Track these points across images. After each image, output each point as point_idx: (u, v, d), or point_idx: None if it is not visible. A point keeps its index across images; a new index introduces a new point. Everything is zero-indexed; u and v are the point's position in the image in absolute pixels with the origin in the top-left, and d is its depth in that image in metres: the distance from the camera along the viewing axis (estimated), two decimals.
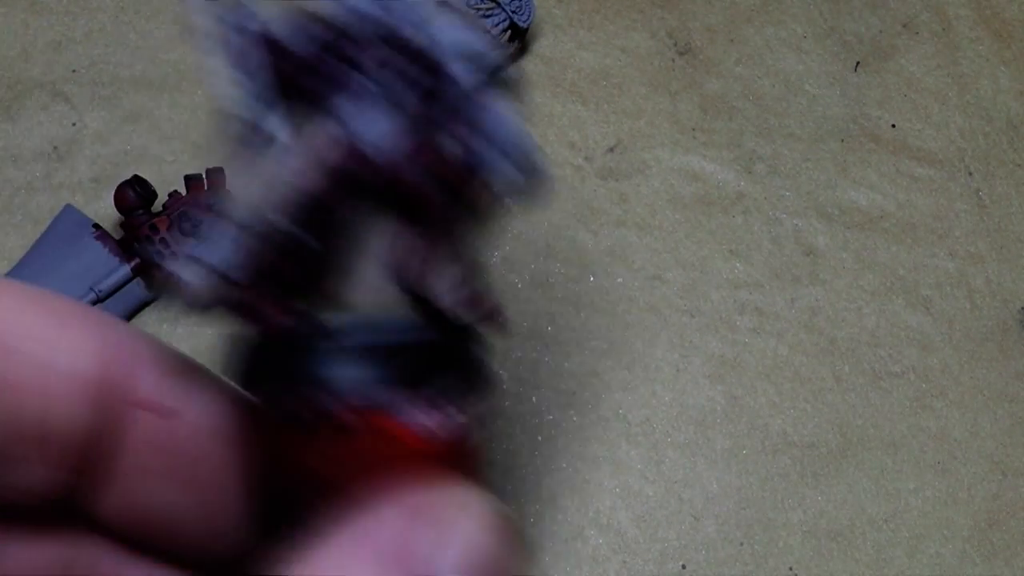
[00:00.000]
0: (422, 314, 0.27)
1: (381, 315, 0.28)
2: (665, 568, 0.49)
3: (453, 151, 0.26)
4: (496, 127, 0.26)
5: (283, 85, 0.26)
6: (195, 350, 0.52)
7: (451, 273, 0.26)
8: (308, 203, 0.25)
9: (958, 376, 0.55)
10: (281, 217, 0.25)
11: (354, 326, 0.27)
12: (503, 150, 0.26)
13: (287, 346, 0.26)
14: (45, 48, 0.57)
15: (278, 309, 0.26)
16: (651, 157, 0.58)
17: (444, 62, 0.26)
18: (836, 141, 0.60)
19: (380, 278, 0.28)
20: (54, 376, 0.24)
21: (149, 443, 0.26)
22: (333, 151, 0.25)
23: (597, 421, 0.52)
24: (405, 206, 0.26)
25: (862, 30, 0.63)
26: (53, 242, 0.51)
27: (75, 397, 0.24)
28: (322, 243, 0.26)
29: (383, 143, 0.26)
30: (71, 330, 0.25)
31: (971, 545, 0.51)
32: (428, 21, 0.26)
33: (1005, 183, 0.60)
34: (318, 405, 0.24)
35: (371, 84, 0.26)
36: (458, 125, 0.26)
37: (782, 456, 0.52)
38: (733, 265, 0.56)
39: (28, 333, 0.24)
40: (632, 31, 0.61)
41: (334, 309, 0.28)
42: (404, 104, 0.26)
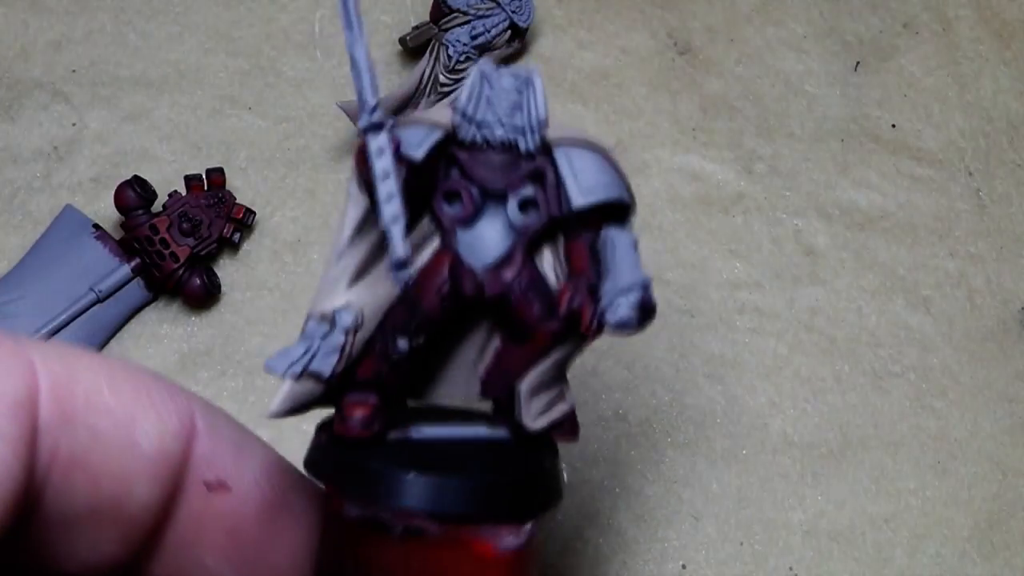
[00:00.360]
0: (503, 421, 0.28)
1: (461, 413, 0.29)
2: (665, 568, 0.49)
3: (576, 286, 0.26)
4: (620, 263, 0.26)
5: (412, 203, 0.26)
6: (194, 350, 0.52)
7: (537, 386, 0.27)
8: (417, 317, 0.26)
9: (958, 376, 0.55)
10: (390, 328, 0.26)
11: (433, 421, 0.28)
12: (624, 288, 0.26)
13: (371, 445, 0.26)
14: (45, 48, 0.57)
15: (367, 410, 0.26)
16: (651, 157, 0.58)
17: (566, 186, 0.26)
18: (836, 141, 0.60)
19: (473, 384, 0.28)
20: (136, 459, 0.24)
21: (200, 514, 0.26)
22: (443, 268, 0.26)
23: (597, 421, 0.52)
24: (509, 325, 0.27)
25: (862, 30, 0.63)
26: (53, 242, 0.51)
27: (153, 477, 0.24)
28: (424, 351, 0.27)
29: (492, 263, 0.26)
30: (153, 410, 0.25)
31: (971, 545, 0.51)
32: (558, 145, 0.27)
33: (1005, 183, 0.60)
34: (403, 512, 0.24)
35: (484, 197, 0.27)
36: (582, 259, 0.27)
37: (782, 456, 0.52)
38: (733, 265, 0.56)
39: (111, 413, 0.24)
40: (632, 31, 0.61)
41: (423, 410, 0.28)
42: (515, 222, 0.27)
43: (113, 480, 0.24)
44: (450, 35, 0.56)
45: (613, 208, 0.27)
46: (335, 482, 0.26)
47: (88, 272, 0.51)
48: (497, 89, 0.27)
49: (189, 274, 0.51)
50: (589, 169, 0.27)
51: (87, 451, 0.23)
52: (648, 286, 0.26)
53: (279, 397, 0.26)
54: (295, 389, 0.26)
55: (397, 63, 0.59)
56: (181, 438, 0.25)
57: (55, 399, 0.23)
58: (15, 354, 0.23)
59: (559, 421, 0.28)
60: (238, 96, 0.57)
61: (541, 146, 0.27)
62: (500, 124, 0.27)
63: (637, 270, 0.26)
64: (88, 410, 0.23)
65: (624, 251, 0.27)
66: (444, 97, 0.56)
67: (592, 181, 0.27)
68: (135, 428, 0.24)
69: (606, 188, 0.27)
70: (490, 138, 0.27)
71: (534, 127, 0.27)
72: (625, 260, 0.26)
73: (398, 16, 0.60)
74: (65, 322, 0.50)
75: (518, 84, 0.27)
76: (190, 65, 0.57)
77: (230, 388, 0.51)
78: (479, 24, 0.56)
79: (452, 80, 0.56)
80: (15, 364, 0.22)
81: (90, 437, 0.23)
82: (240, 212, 0.52)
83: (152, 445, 0.24)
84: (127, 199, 0.51)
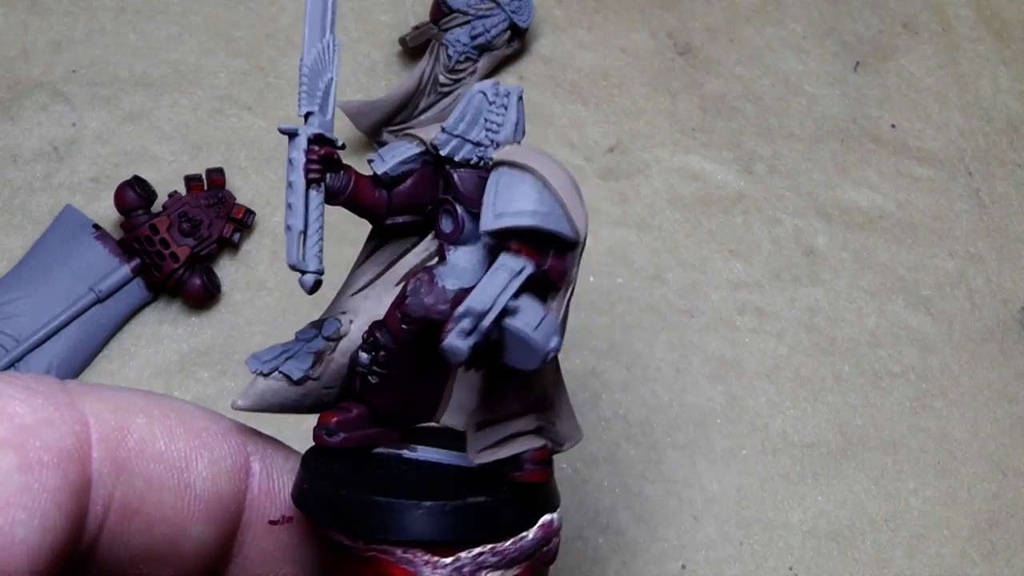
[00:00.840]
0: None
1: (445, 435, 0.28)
2: (665, 568, 0.49)
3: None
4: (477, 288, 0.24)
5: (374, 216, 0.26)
6: (195, 350, 0.52)
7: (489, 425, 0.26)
8: (383, 333, 0.26)
9: (958, 376, 0.55)
10: (362, 342, 0.26)
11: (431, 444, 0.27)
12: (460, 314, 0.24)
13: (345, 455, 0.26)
14: (45, 48, 0.57)
15: (338, 420, 0.26)
16: (651, 157, 0.58)
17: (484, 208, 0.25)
18: (836, 141, 0.60)
19: (458, 407, 0.28)
20: (190, 501, 0.24)
21: (267, 548, 0.26)
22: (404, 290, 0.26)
23: (597, 421, 0.51)
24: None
25: (862, 30, 0.63)
26: (53, 242, 0.51)
27: (208, 518, 0.25)
28: (391, 368, 0.26)
29: (462, 284, 0.26)
30: (207, 452, 0.25)
31: (971, 545, 0.51)
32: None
33: (1005, 183, 0.60)
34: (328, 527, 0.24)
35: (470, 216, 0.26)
36: None
37: (782, 456, 0.52)
38: (733, 265, 0.56)
39: (164, 459, 0.24)
40: (632, 31, 0.61)
41: (428, 431, 0.28)
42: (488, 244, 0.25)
43: (168, 524, 0.24)
44: (450, 35, 0.56)
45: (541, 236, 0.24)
46: (295, 498, 0.26)
47: (88, 272, 0.51)
48: (490, 108, 0.26)
49: (189, 274, 0.51)
50: (509, 192, 0.24)
51: (142, 498, 0.23)
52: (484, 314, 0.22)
53: (246, 391, 0.26)
54: (264, 386, 0.25)
55: (397, 63, 0.59)
56: (235, 478, 0.25)
57: (108, 450, 0.23)
58: (67, 406, 0.23)
59: (508, 459, 0.26)
60: (238, 96, 0.57)
61: (491, 163, 0.26)
62: (469, 141, 0.26)
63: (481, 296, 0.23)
64: (142, 458, 0.23)
65: (487, 276, 0.24)
66: (444, 97, 0.56)
67: (507, 206, 0.24)
68: (189, 472, 0.24)
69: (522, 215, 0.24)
70: (477, 155, 0.26)
71: (487, 144, 0.26)
72: (481, 285, 0.23)
73: (398, 16, 0.60)
74: (65, 322, 0.50)
75: (505, 100, 0.26)
76: (190, 65, 0.57)
77: (230, 388, 0.51)
78: (479, 24, 0.56)
79: (452, 80, 0.56)
80: (66, 416, 0.23)
81: (145, 484, 0.23)
82: (240, 212, 0.52)
83: (206, 487, 0.24)
84: (127, 199, 0.51)
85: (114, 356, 0.51)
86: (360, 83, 0.58)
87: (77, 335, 0.50)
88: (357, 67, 0.58)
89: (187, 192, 0.52)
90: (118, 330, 0.52)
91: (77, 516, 0.22)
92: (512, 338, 0.22)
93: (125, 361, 0.51)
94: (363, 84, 0.58)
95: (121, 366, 0.51)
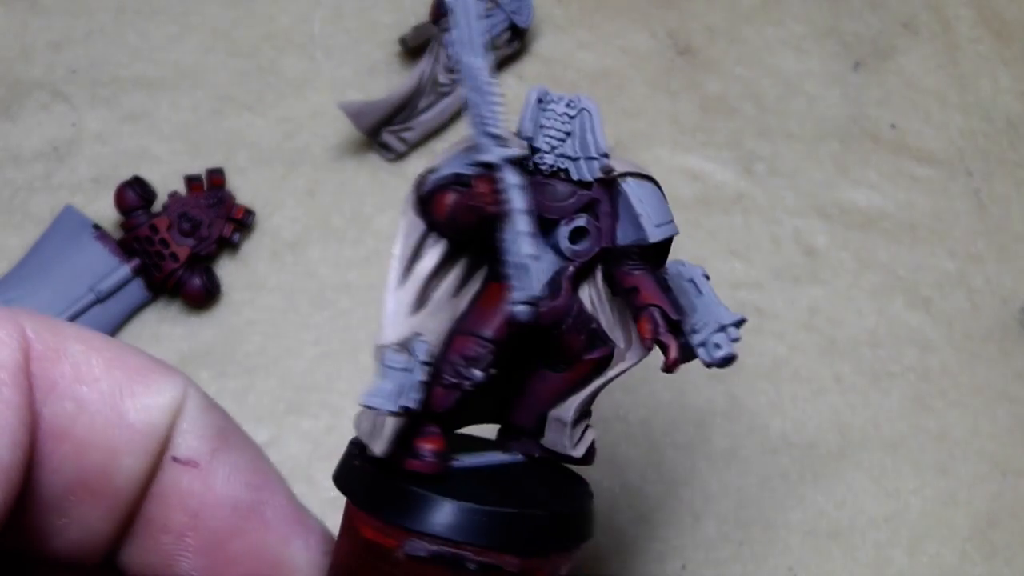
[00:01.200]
0: (529, 447, 0.28)
1: (484, 441, 0.29)
2: (665, 568, 0.49)
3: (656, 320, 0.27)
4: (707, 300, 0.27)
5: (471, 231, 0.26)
6: (195, 350, 0.52)
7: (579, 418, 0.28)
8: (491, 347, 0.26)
9: (958, 376, 0.55)
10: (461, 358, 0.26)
11: (466, 450, 0.28)
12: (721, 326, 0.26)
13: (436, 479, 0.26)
14: (45, 48, 0.57)
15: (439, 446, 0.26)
16: (651, 157, 0.58)
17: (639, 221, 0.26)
18: (836, 141, 0.60)
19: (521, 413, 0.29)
20: (123, 430, 0.24)
21: (168, 490, 0.26)
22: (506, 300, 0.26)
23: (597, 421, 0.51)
24: (549, 353, 0.27)
25: (862, 30, 0.63)
26: (53, 242, 0.51)
27: (140, 450, 0.24)
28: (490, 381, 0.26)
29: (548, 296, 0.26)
30: (142, 383, 0.25)
31: (971, 545, 0.51)
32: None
33: (1005, 183, 0.60)
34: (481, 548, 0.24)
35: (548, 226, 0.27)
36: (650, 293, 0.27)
37: (782, 456, 0.52)
38: (733, 265, 0.56)
39: (98, 384, 0.24)
40: (632, 31, 0.61)
41: (473, 441, 0.29)
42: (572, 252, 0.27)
43: (100, 451, 0.24)
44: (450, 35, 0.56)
45: (661, 244, 0.28)
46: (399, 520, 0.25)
47: (88, 272, 0.51)
48: (550, 114, 0.27)
49: (189, 274, 0.51)
50: (655, 203, 0.27)
51: (72, 421, 0.23)
52: (738, 326, 0.26)
53: (385, 437, 0.25)
54: (395, 424, 0.25)
55: (397, 63, 0.59)
56: (169, 413, 0.25)
57: (42, 368, 0.23)
58: (10, 321, 0.23)
59: (591, 448, 0.28)
60: (238, 96, 0.57)
61: (599, 176, 0.27)
62: (552, 151, 0.27)
63: (720, 309, 0.27)
64: (76, 381, 0.23)
65: (707, 288, 0.27)
66: (444, 97, 0.56)
67: (662, 216, 0.27)
68: (123, 401, 0.24)
69: (672, 224, 0.27)
70: (542, 165, 0.27)
71: (593, 156, 0.27)
72: (711, 297, 0.27)
73: (398, 16, 0.60)
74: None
75: (571, 110, 0.27)
76: (190, 65, 0.57)
77: (230, 388, 0.51)
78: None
79: (452, 80, 0.56)
80: (12, 332, 0.23)
81: (76, 407, 0.23)
82: (240, 212, 0.52)
83: (139, 417, 0.24)
84: (127, 199, 0.51)
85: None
86: (360, 83, 0.58)
87: None
88: (357, 67, 0.58)
89: (187, 192, 0.52)
90: (118, 330, 0.52)
91: (33, 432, 0.22)
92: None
93: None
94: (363, 84, 0.58)
95: None
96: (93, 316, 0.50)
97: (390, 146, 0.56)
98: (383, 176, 0.56)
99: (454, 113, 0.57)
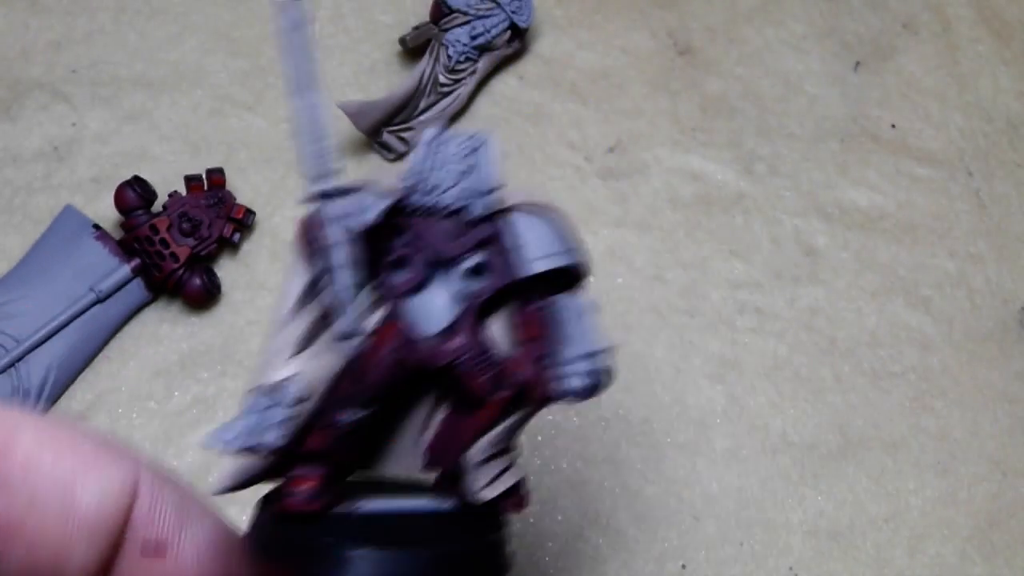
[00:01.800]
0: (448, 491, 0.27)
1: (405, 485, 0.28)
2: (665, 568, 0.49)
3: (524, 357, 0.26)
4: (570, 331, 0.26)
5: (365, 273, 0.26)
6: (194, 350, 0.52)
7: (484, 456, 0.26)
8: (366, 387, 0.25)
9: (958, 376, 0.55)
10: (338, 399, 0.25)
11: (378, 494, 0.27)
12: (574, 358, 0.26)
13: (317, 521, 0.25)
14: (45, 48, 0.57)
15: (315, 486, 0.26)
16: (651, 157, 0.58)
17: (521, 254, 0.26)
18: (836, 141, 0.60)
19: (417, 455, 0.28)
20: (75, 522, 0.23)
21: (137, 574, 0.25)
22: (392, 337, 0.26)
23: (597, 421, 0.51)
24: (456, 395, 0.27)
25: (862, 30, 0.63)
26: (53, 242, 0.51)
27: (91, 541, 0.24)
28: (371, 422, 0.26)
29: (440, 332, 0.26)
30: (95, 471, 0.24)
31: (971, 545, 0.51)
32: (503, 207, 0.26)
33: (1005, 183, 0.60)
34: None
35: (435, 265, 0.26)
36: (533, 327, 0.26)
37: (782, 456, 0.52)
38: (733, 265, 0.56)
39: (51, 476, 0.23)
40: (632, 31, 0.61)
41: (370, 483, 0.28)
42: (465, 290, 0.26)
43: (51, 546, 0.23)
44: (450, 35, 0.56)
45: (565, 274, 0.27)
46: (280, 561, 0.25)
47: (88, 272, 0.51)
48: (445, 154, 0.27)
49: (189, 274, 0.51)
50: (544, 235, 0.26)
51: (24, 516, 0.22)
52: (600, 354, 0.25)
53: (224, 473, 0.25)
54: (241, 464, 0.25)
55: (397, 63, 0.59)
56: (122, 500, 0.24)
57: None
58: None
59: (507, 492, 0.27)
60: (238, 96, 0.57)
61: (493, 211, 0.27)
62: (449, 189, 0.26)
63: (588, 338, 0.26)
64: (28, 472, 0.23)
65: (575, 318, 0.26)
66: (444, 97, 0.56)
67: (547, 247, 0.26)
68: (75, 492, 0.23)
69: (560, 255, 0.26)
70: (439, 204, 0.27)
71: (484, 191, 0.27)
72: (576, 328, 0.26)
73: (398, 16, 0.60)
74: (65, 322, 0.50)
75: (468, 147, 0.27)
76: (190, 65, 0.57)
77: (230, 388, 0.51)
78: (479, 24, 0.56)
79: (452, 80, 0.56)
80: None
81: (27, 501, 0.22)
82: (240, 212, 0.52)
83: (91, 508, 0.23)
84: (127, 199, 0.51)
85: (114, 356, 0.51)
86: (360, 83, 0.58)
87: (77, 335, 0.50)
88: (357, 67, 0.58)
89: (187, 192, 0.52)
90: (118, 330, 0.52)
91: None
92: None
93: (125, 361, 0.51)
94: (363, 84, 0.58)
95: (121, 366, 0.51)
96: (93, 316, 0.50)
97: (390, 146, 0.56)
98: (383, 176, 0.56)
99: (454, 113, 0.57)
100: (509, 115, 0.58)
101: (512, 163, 0.57)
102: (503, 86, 0.59)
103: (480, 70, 0.57)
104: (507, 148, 0.57)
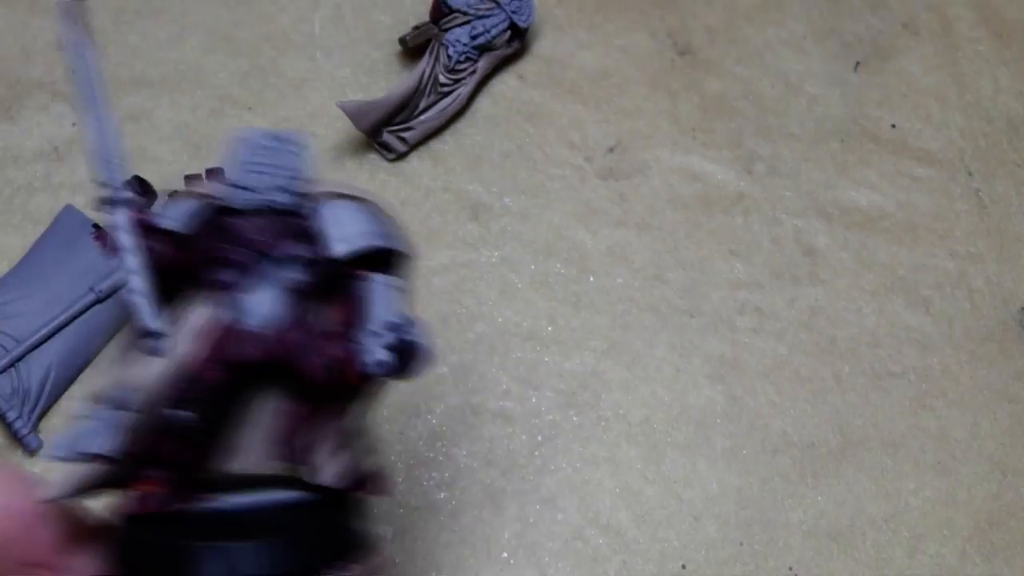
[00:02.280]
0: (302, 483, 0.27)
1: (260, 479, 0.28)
2: (665, 568, 0.49)
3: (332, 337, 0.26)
4: (373, 307, 0.27)
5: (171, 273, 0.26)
6: None
7: (332, 444, 0.27)
8: (196, 386, 0.25)
9: (958, 376, 0.55)
10: (168, 400, 0.25)
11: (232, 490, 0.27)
12: (376, 331, 0.26)
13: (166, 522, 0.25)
14: (45, 48, 0.57)
15: (157, 487, 0.26)
16: (651, 157, 0.58)
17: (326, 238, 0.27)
18: (836, 141, 0.60)
19: (263, 449, 0.27)
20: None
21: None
22: (219, 334, 0.26)
23: (597, 421, 0.52)
24: (290, 383, 0.27)
25: (862, 30, 0.63)
26: (53, 242, 0.51)
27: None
28: (208, 421, 0.26)
29: (267, 324, 0.26)
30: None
31: (971, 545, 0.51)
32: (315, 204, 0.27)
33: (1005, 183, 0.60)
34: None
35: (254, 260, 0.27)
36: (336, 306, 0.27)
37: (782, 456, 0.52)
38: (733, 265, 0.56)
39: None
40: (632, 31, 0.61)
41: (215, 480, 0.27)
42: (287, 281, 0.27)
43: None
44: (450, 35, 0.56)
45: (378, 257, 0.27)
46: (132, 565, 0.25)
47: (88, 272, 0.51)
48: (256, 152, 0.28)
49: None
50: (349, 219, 0.27)
51: None
52: (402, 327, 0.26)
53: (60, 479, 0.25)
54: (76, 471, 0.25)
55: (397, 63, 0.59)
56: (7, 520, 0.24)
57: None
58: None
59: (361, 478, 0.27)
60: (238, 96, 0.57)
61: (305, 203, 0.27)
62: (262, 187, 0.27)
63: (389, 311, 0.26)
64: None
65: (379, 294, 0.27)
66: (444, 97, 0.56)
67: (351, 230, 0.27)
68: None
69: (364, 236, 0.27)
70: (253, 201, 0.27)
71: (285, 185, 0.27)
72: (378, 303, 0.27)
73: (398, 16, 0.60)
74: (65, 322, 0.50)
75: (276, 144, 0.28)
76: (190, 65, 0.57)
77: None
78: (479, 24, 0.56)
79: (452, 80, 0.56)
80: None
81: None
82: None
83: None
84: None
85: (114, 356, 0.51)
86: (360, 83, 0.58)
87: (77, 335, 0.50)
88: (357, 67, 0.58)
89: None
90: (118, 330, 0.52)
91: None
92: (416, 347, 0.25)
93: None
94: (363, 84, 0.58)
95: None
96: (93, 316, 0.50)
97: (390, 146, 0.56)
98: (383, 176, 0.56)
99: (454, 113, 0.57)
100: (509, 115, 0.58)
101: (512, 163, 0.57)
102: (503, 86, 0.59)
103: (480, 70, 0.57)
104: (507, 148, 0.57)
